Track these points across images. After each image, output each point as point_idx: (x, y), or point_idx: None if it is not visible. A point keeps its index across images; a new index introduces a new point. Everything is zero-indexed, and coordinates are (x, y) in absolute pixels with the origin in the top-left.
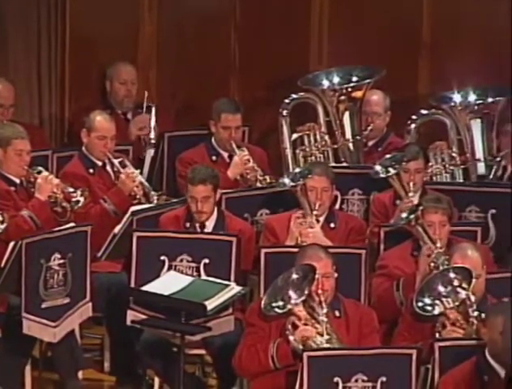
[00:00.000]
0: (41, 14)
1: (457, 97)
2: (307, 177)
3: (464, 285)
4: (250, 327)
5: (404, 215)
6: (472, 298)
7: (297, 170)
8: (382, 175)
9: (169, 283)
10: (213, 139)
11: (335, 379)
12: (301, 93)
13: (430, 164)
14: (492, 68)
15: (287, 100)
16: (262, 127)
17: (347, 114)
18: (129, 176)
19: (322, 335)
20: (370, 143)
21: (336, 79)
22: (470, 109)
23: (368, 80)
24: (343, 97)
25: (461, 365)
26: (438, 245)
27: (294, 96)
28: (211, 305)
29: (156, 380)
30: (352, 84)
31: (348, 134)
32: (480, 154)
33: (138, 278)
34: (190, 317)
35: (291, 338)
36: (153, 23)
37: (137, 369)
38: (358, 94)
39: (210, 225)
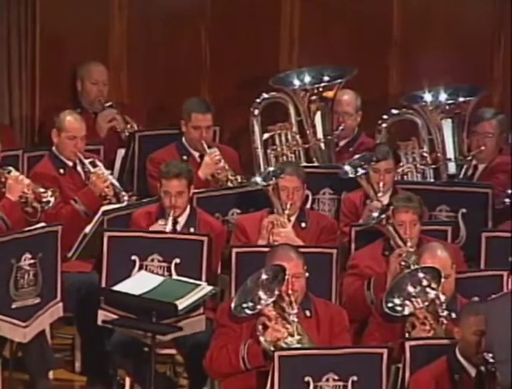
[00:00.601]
0: (11, 14)
1: (428, 97)
2: (279, 177)
3: (433, 285)
4: (221, 328)
5: (375, 214)
6: (442, 298)
7: (269, 170)
8: (351, 175)
9: (140, 283)
10: (184, 139)
11: (306, 379)
12: (273, 93)
13: (401, 163)
14: (464, 67)
15: (258, 100)
16: (233, 127)
17: (318, 114)
18: (99, 176)
19: (292, 336)
20: (341, 143)
21: (308, 79)
22: (441, 109)
23: (339, 80)
24: (314, 97)
25: (432, 364)
26: (409, 244)
27: (265, 95)
28: (182, 304)
29: (127, 380)
30: (323, 84)
31: (320, 134)
32: (450, 153)
33: (109, 278)
34: (161, 317)
35: (261, 339)
36: (123, 22)
37: (108, 369)
38: (329, 94)
39: (182, 221)
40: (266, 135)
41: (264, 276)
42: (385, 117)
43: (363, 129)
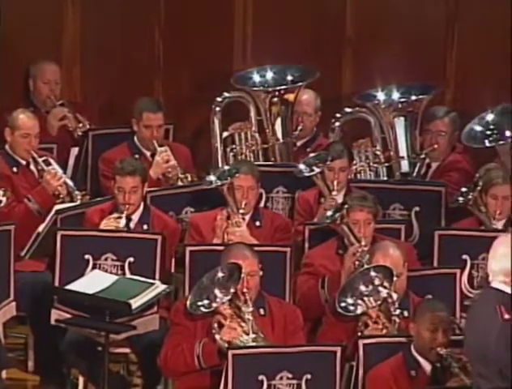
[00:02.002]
0: None
1: (381, 95)
2: (233, 176)
3: (385, 284)
4: (175, 327)
5: (329, 213)
6: (394, 296)
7: (224, 169)
8: (306, 174)
9: (94, 282)
10: (135, 138)
11: (260, 377)
12: (234, 92)
13: (354, 162)
14: (416, 66)
15: (219, 98)
16: (188, 125)
17: (278, 114)
18: (53, 174)
19: (247, 334)
20: (299, 143)
21: (269, 78)
22: (394, 107)
23: (301, 83)
24: (275, 99)
25: (388, 360)
26: (363, 243)
27: (226, 94)
28: (135, 303)
29: (81, 379)
30: (284, 86)
31: (279, 134)
32: (403, 152)
33: (63, 277)
34: (115, 315)
35: (217, 337)
36: (77, 20)
37: (61, 368)
38: (290, 96)
39: (135, 218)
40: (225, 134)
41: (220, 274)
42: (338, 115)
43: (318, 127)
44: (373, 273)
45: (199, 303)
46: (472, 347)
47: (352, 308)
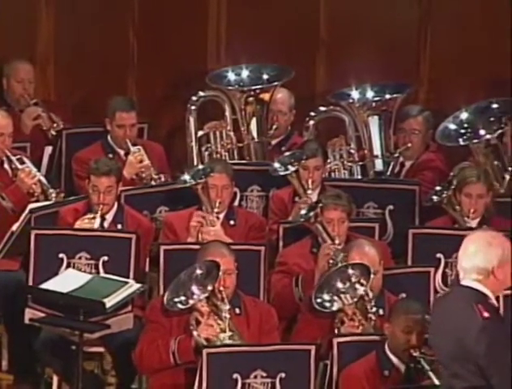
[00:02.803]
0: None
1: (355, 94)
2: (208, 175)
3: (362, 281)
4: (151, 324)
5: (303, 212)
6: (370, 294)
7: (198, 168)
8: (281, 172)
9: (68, 280)
10: (109, 137)
11: (234, 376)
12: (209, 91)
13: (329, 160)
14: (390, 65)
15: (194, 97)
16: (164, 124)
17: (253, 114)
18: (27, 173)
19: (224, 332)
20: (274, 142)
21: (245, 77)
22: (368, 106)
23: (276, 82)
24: (251, 99)
25: (361, 359)
26: (337, 242)
27: (202, 93)
28: (109, 302)
29: (55, 378)
30: (260, 86)
31: (254, 133)
32: (377, 150)
33: (37, 276)
34: (89, 314)
35: (195, 333)
36: (51, 19)
37: (35, 367)
38: (266, 96)
39: (109, 218)
40: (200, 133)
41: (198, 271)
42: (312, 114)
43: (292, 126)
44: (350, 270)
45: (176, 299)
46: (447, 346)
47: (328, 304)
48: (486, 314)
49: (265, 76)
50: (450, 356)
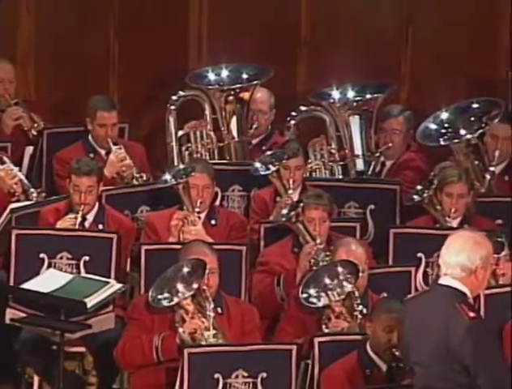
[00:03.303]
0: None
1: (336, 94)
2: (189, 175)
3: (350, 279)
4: (133, 321)
5: (285, 211)
6: (356, 293)
7: (179, 168)
8: (262, 172)
9: (49, 280)
10: (90, 137)
11: (216, 375)
12: (190, 90)
13: (310, 160)
14: (371, 65)
15: (174, 97)
16: (144, 124)
17: (233, 113)
18: (8, 173)
19: (209, 330)
20: (254, 141)
21: (225, 77)
22: (349, 106)
23: (256, 81)
24: (231, 98)
25: (343, 359)
26: (318, 241)
27: (182, 93)
28: (91, 302)
29: (36, 378)
30: (240, 85)
31: (234, 132)
32: (358, 150)
33: (18, 276)
34: (70, 314)
35: (180, 330)
36: (32, 19)
37: (16, 367)
38: (246, 95)
39: (90, 218)
40: (181, 132)
41: (185, 269)
42: (293, 114)
43: (273, 126)
44: (339, 268)
45: (160, 296)
46: (428, 346)
47: (314, 300)
48: (472, 314)
49: (244, 76)
50: (433, 357)
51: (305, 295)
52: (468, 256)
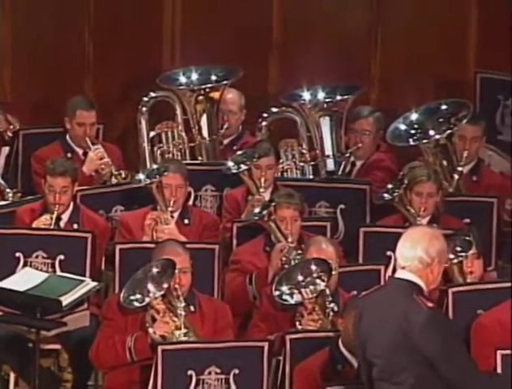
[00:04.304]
0: None
1: (306, 95)
2: (162, 175)
3: (323, 277)
4: (107, 321)
5: (257, 210)
6: (328, 291)
7: (153, 167)
8: (234, 171)
9: (24, 279)
10: (68, 137)
11: (189, 372)
12: (160, 92)
13: (281, 160)
14: (342, 67)
15: (146, 98)
16: (118, 125)
17: (204, 112)
18: None
19: (179, 329)
20: (226, 141)
21: (195, 79)
22: (319, 107)
23: (225, 81)
24: (201, 98)
25: (315, 355)
26: (290, 240)
27: (153, 94)
28: (66, 300)
29: (12, 375)
30: (209, 85)
31: (205, 133)
32: (329, 151)
33: None
34: (46, 312)
35: (150, 330)
36: (7, 20)
37: None
38: (216, 95)
39: (65, 218)
40: (152, 133)
41: (154, 270)
42: (265, 115)
43: (244, 127)
44: (313, 266)
45: (132, 297)
46: (388, 339)
47: (287, 297)
48: (430, 304)
49: (213, 77)
50: (393, 349)
51: (277, 292)
52: (426, 249)
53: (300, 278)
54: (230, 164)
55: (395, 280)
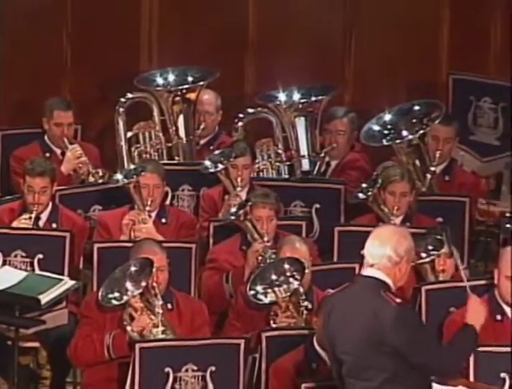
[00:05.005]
0: None
1: (282, 96)
2: (140, 175)
3: (297, 276)
4: (85, 319)
5: (234, 210)
6: (301, 289)
7: (130, 168)
8: (212, 170)
9: (3, 278)
10: (46, 137)
11: (166, 369)
12: (138, 93)
13: (257, 160)
14: (316, 68)
15: (123, 99)
16: (96, 126)
17: (180, 112)
18: None
19: (157, 327)
20: (202, 142)
21: (171, 80)
22: (294, 108)
23: (202, 82)
24: (177, 98)
25: (290, 353)
26: (266, 239)
27: (130, 95)
28: (44, 299)
29: None
30: (186, 86)
31: (182, 133)
32: (304, 151)
33: None
34: (25, 311)
35: (128, 328)
36: None
37: None
38: (192, 96)
39: (44, 217)
40: (130, 133)
41: (133, 268)
42: (241, 115)
43: (220, 127)
44: (286, 265)
45: (110, 295)
46: (357, 336)
47: (261, 296)
48: (398, 300)
49: (190, 78)
50: (362, 345)
51: (252, 292)
52: (395, 248)
53: (274, 277)
54: (207, 163)
55: (363, 278)
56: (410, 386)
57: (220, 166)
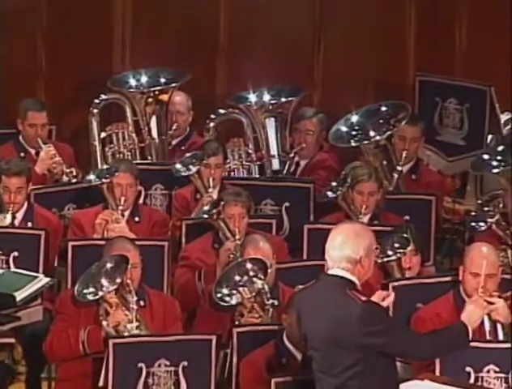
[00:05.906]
0: None
1: (252, 97)
2: (113, 175)
3: (260, 275)
4: (60, 315)
5: (207, 208)
6: (267, 288)
7: (103, 168)
8: (183, 173)
9: None
10: (20, 137)
11: (139, 365)
12: (111, 94)
13: (228, 160)
14: (286, 70)
15: (97, 100)
16: (70, 126)
17: (153, 113)
18: None
19: (132, 322)
20: (174, 142)
21: (144, 81)
22: (265, 109)
23: (174, 84)
24: (150, 100)
25: (260, 348)
26: (237, 237)
27: (103, 96)
28: (20, 295)
29: None
30: (159, 88)
31: (154, 133)
32: (274, 151)
33: None
34: (0, 307)
35: (104, 323)
36: None
37: None
38: (164, 97)
39: (19, 216)
40: (103, 134)
41: (108, 265)
42: (212, 116)
43: (192, 127)
44: (249, 265)
45: (86, 291)
46: (323, 334)
47: (227, 298)
48: (363, 298)
49: (162, 79)
50: (328, 342)
51: (219, 295)
52: (352, 249)
53: (238, 278)
54: (178, 166)
55: (328, 277)
56: (376, 383)
57: (192, 168)
